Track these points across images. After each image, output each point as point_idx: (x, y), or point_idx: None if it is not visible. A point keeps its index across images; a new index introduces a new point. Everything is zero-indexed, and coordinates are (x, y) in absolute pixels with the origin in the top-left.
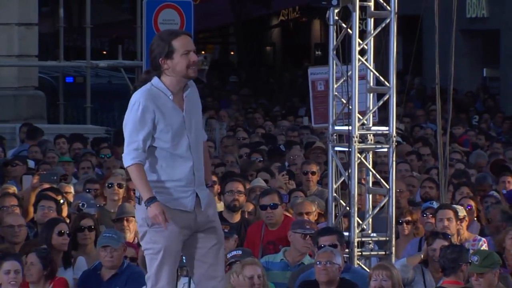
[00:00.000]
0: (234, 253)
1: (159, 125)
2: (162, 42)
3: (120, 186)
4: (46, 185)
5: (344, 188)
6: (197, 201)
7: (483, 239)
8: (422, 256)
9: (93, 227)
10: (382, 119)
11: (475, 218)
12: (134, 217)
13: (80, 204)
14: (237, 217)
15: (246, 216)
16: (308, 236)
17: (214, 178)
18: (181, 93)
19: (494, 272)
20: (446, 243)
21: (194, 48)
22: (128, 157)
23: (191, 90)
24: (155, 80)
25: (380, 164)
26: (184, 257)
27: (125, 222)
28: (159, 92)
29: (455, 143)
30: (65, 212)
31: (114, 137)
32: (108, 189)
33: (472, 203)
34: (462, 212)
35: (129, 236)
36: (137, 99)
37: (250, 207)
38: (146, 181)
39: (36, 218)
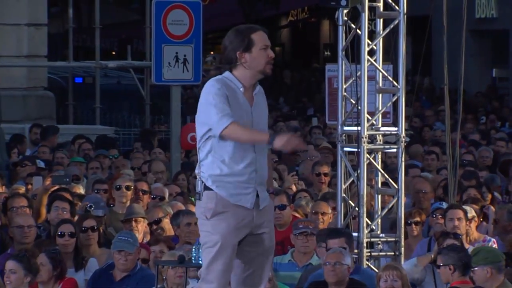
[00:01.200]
0: None
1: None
2: (239, 35)
3: (128, 188)
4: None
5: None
6: (257, 201)
7: (493, 239)
8: (432, 256)
9: (96, 227)
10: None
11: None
12: (142, 217)
13: (88, 206)
14: None
15: None
16: (302, 235)
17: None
18: (252, 90)
19: (485, 268)
20: (457, 243)
21: (270, 44)
22: (223, 120)
23: (259, 90)
24: (226, 73)
25: (390, 165)
26: None
27: (133, 223)
28: (231, 82)
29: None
30: None
31: (142, 135)
32: (117, 191)
33: (475, 207)
34: (471, 212)
35: (138, 237)
36: (212, 83)
37: None
38: (252, 129)
39: (50, 219)
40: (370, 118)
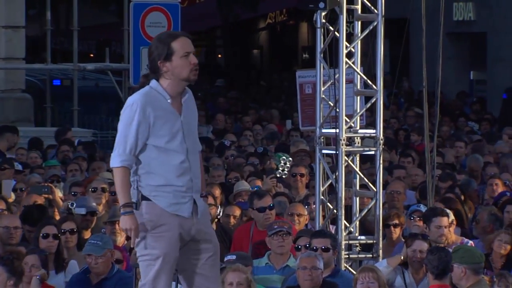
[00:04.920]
0: (228, 257)
1: (157, 128)
2: (160, 44)
3: (103, 190)
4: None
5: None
6: (195, 208)
7: (470, 241)
8: (402, 257)
9: (75, 230)
10: (371, 122)
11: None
12: None
13: (69, 204)
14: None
15: (232, 221)
16: (277, 235)
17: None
18: (180, 98)
19: (461, 267)
20: (425, 244)
21: (194, 50)
22: (118, 159)
23: (188, 96)
24: (153, 82)
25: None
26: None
27: (116, 226)
28: (158, 94)
29: (412, 149)
30: (57, 215)
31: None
32: (92, 193)
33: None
34: (451, 216)
35: (120, 240)
36: (135, 100)
37: (237, 211)
38: (129, 187)
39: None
40: (348, 120)
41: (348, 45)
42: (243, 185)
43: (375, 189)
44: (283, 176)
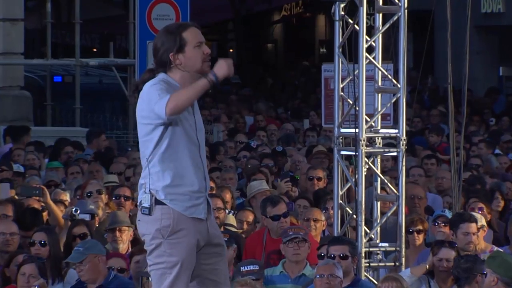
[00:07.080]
0: (251, 267)
1: (174, 124)
2: (171, 35)
3: (99, 192)
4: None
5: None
6: (208, 209)
7: (501, 250)
8: (427, 266)
9: (87, 234)
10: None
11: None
12: (127, 226)
13: (73, 210)
14: None
15: (245, 227)
16: (292, 241)
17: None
18: None
19: (493, 276)
20: (453, 252)
21: (204, 40)
22: (162, 100)
23: None
24: (162, 75)
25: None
26: None
27: (117, 233)
28: (171, 86)
29: (432, 149)
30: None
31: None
32: (89, 199)
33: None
34: (480, 221)
35: (122, 247)
36: (157, 81)
37: (250, 216)
38: (187, 87)
39: None
40: (368, 119)
41: (369, 39)
42: (262, 185)
43: (397, 193)
44: None
